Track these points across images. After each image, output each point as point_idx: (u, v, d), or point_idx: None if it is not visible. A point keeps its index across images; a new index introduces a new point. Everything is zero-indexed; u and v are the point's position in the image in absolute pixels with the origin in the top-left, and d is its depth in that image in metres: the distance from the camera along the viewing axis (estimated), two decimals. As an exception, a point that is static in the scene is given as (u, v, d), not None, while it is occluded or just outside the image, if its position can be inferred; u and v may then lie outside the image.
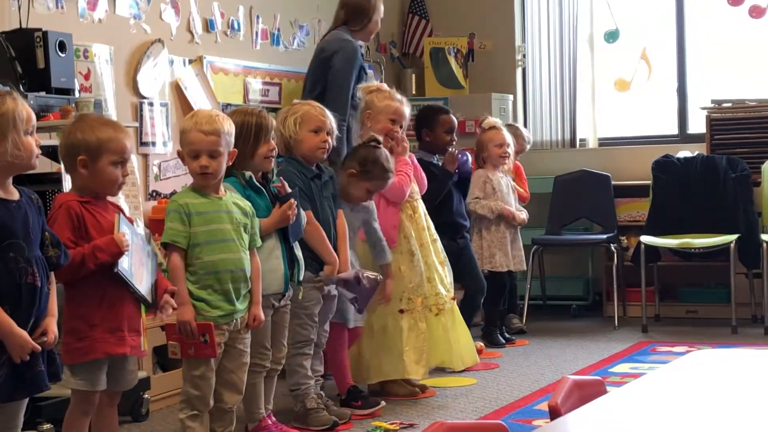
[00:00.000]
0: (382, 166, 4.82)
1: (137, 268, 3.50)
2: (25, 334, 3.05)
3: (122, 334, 3.47)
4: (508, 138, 6.66)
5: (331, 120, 4.64)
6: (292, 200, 4.23)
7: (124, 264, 3.42)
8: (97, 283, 3.44)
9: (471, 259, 6.17)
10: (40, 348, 3.08)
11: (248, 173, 4.22)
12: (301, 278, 4.38)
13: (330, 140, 4.62)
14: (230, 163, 3.98)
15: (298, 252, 4.36)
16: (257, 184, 4.25)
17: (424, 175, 5.42)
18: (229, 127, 3.94)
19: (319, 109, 4.64)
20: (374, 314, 5.03)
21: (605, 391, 2.46)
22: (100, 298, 3.44)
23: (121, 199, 4.47)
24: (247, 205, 4.04)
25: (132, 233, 3.50)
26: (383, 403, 4.89)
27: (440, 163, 6.08)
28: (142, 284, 3.53)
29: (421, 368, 5.10)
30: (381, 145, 4.90)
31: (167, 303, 3.63)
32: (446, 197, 6.05)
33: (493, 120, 6.75)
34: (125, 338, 3.48)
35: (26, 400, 3.24)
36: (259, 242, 4.07)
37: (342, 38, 5.82)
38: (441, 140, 6.05)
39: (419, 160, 5.79)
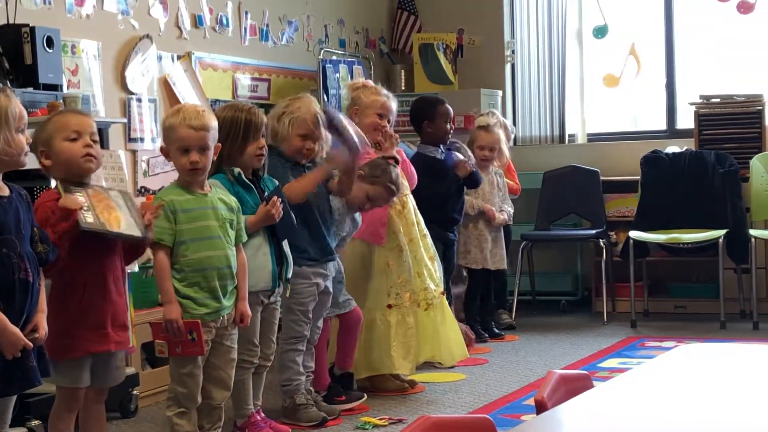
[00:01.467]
0: (390, 178, 4.83)
1: (108, 215, 3.44)
2: (17, 331, 3.04)
3: (105, 330, 3.46)
4: (497, 138, 6.64)
5: (322, 129, 4.63)
6: (275, 198, 4.22)
7: (88, 219, 3.37)
8: (78, 280, 3.43)
9: (449, 261, 6.16)
10: (32, 345, 3.08)
11: (237, 169, 4.22)
12: (289, 275, 4.37)
13: (316, 147, 4.61)
14: (214, 158, 3.98)
15: (287, 249, 4.35)
16: (246, 180, 4.24)
17: (413, 170, 5.41)
18: (215, 122, 3.95)
19: (313, 117, 4.62)
20: (362, 309, 5.03)
21: (591, 386, 2.47)
22: (81, 295, 3.43)
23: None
24: (232, 200, 4.03)
25: (84, 190, 3.46)
26: (365, 396, 4.89)
27: (443, 158, 6.06)
28: (122, 225, 3.47)
29: (408, 363, 5.10)
30: (397, 166, 4.91)
31: (149, 215, 3.61)
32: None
33: (484, 119, 6.74)
34: (108, 335, 3.47)
35: (15, 397, 3.24)
36: (244, 238, 4.06)
37: None
38: (442, 130, 6.06)
39: (421, 155, 5.80)
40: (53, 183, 4.22)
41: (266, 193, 4.28)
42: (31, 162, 4.38)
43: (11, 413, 3.24)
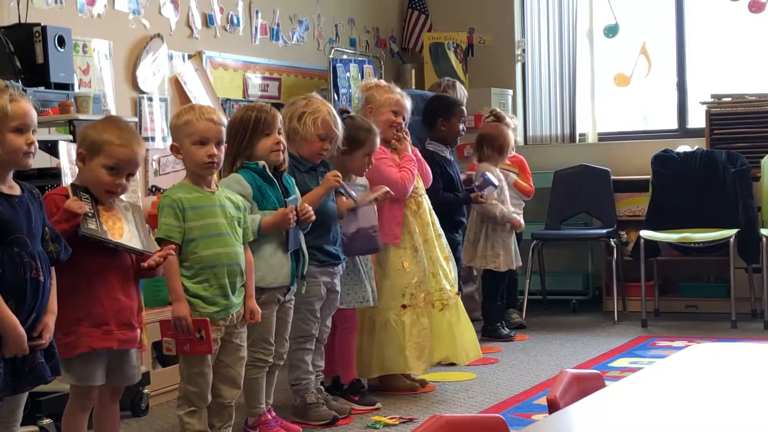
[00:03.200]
0: (364, 128, 4.84)
1: (111, 225, 3.45)
2: (24, 335, 3.04)
3: (108, 328, 3.45)
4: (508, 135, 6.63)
5: (339, 130, 4.64)
6: (292, 207, 4.23)
7: (90, 225, 3.37)
8: (84, 277, 3.42)
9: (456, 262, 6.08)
10: (27, 351, 3.06)
11: (262, 163, 4.22)
12: (305, 272, 4.38)
13: (331, 148, 4.63)
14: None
15: (304, 246, 4.35)
16: (269, 175, 4.25)
17: (429, 169, 5.40)
18: (225, 121, 3.99)
19: (333, 118, 4.62)
20: (376, 309, 5.03)
21: (604, 385, 2.46)
22: (87, 292, 3.43)
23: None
24: (238, 199, 4.04)
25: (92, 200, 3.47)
26: (380, 405, 4.89)
27: (452, 159, 6.04)
28: (124, 236, 3.47)
29: (422, 364, 5.09)
30: (351, 113, 4.93)
31: (157, 259, 3.58)
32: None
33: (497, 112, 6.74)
34: (112, 332, 3.46)
35: (26, 395, 3.24)
36: (251, 236, 4.07)
37: None
38: (455, 130, 6.07)
39: (433, 153, 5.78)
40: (65, 181, 4.24)
41: (288, 191, 4.31)
42: (43, 161, 4.42)
43: (22, 411, 3.25)
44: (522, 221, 6.66)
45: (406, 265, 5.09)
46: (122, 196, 3.59)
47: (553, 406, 2.22)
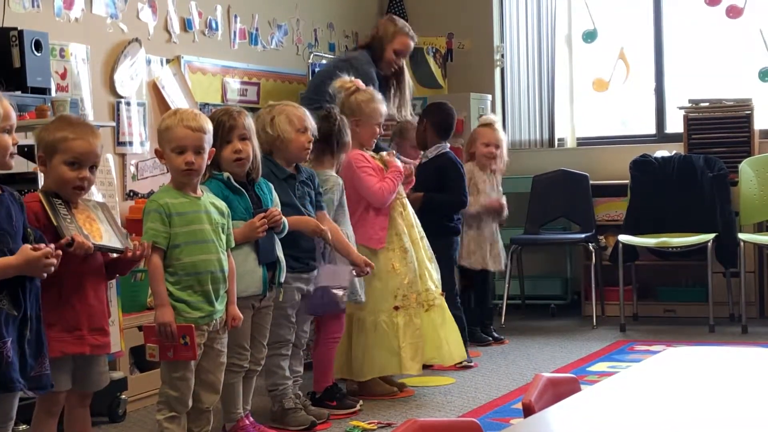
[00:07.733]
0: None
1: (90, 227, 3.44)
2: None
3: (80, 333, 3.43)
4: (501, 137, 6.63)
5: (311, 121, 4.65)
6: (260, 215, 4.21)
7: (71, 230, 3.37)
8: (55, 282, 3.39)
9: (448, 261, 5.99)
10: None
11: (226, 174, 4.21)
12: (282, 280, 4.36)
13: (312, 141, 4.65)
14: (208, 163, 3.98)
15: (280, 254, 4.34)
16: (235, 185, 4.23)
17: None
18: (210, 125, 3.96)
19: (301, 110, 4.66)
20: (365, 310, 5.04)
21: (579, 389, 2.46)
22: (57, 296, 3.40)
23: (97, 195, 4.43)
24: (222, 205, 4.03)
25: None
26: (360, 404, 4.89)
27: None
28: (103, 237, 3.46)
29: (416, 364, 5.10)
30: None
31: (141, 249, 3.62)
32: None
33: (487, 118, 6.75)
34: (84, 337, 3.44)
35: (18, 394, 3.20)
36: (233, 243, 4.06)
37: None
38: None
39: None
40: (41, 184, 4.22)
41: (261, 200, 4.29)
42: (19, 165, 4.39)
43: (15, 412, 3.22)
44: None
45: (397, 267, 5.10)
46: (93, 194, 3.58)
47: (528, 410, 2.22)
